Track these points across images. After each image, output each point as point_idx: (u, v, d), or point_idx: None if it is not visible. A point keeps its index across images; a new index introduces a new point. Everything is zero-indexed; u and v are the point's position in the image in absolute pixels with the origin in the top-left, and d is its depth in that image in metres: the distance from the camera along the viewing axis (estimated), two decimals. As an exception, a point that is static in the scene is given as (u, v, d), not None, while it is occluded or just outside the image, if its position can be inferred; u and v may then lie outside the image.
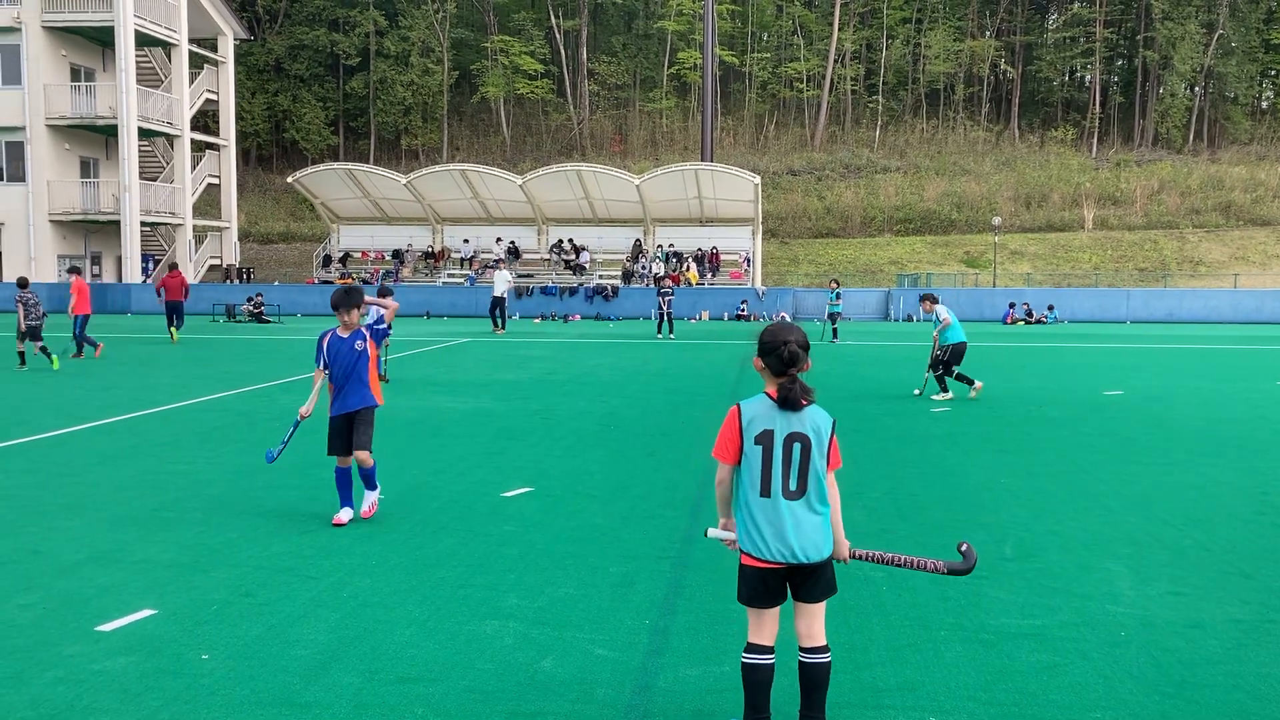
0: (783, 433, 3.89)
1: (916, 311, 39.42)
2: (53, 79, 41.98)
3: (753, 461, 3.89)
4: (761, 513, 3.87)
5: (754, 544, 3.88)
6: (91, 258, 45.06)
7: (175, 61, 45.62)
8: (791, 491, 3.86)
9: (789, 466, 3.87)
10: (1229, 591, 5.87)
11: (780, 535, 3.85)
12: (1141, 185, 58.98)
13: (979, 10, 72.83)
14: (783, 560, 3.84)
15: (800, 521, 3.86)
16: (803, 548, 3.84)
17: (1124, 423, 12.49)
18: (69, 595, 5.65)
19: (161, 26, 43.64)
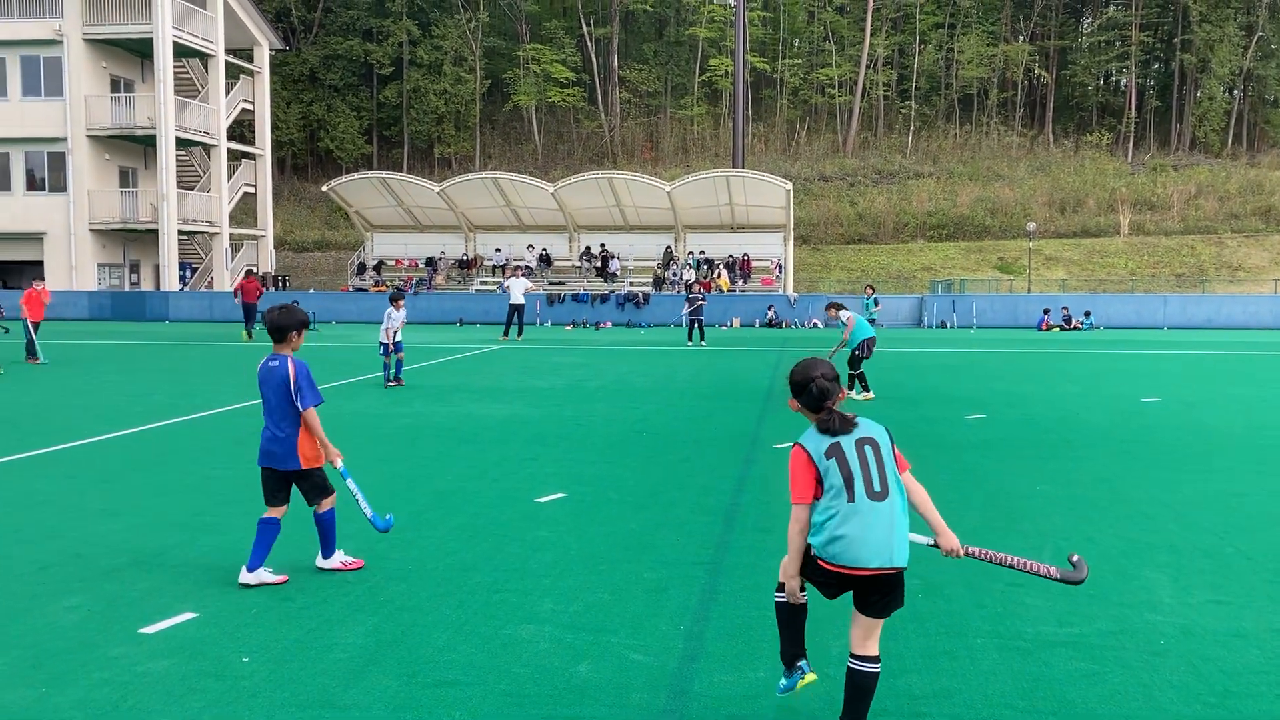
0: (850, 443, 3.90)
1: (951, 318, 39.18)
2: (93, 90, 42.62)
3: (831, 475, 3.87)
4: (854, 520, 3.80)
5: (840, 551, 3.80)
6: (130, 266, 45.69)
7: (212, 72, 46.19)
8: (876, 493, 3.84)
9: (867, 469, 3.86)
10: (1272, 600, 5.80)
11: (875, 539, 3.80)
12: (1178, 190, 58.29)
13: (1012, 15, 72.35)
14: (879, 566, 3.80)
15: (893, 523, 3.84)
16: (891, 550, 3.82)
17: (1162, 430, 12.35)
18: (112, 598, 5.74)
19: (199, 38, 44.22)
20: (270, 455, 6.00)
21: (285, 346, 6.05)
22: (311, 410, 5.98)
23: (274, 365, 6.01)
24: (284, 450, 5.94)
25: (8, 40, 41.96)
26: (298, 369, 5.98)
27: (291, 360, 6.00)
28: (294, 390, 5.94)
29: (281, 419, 5.95)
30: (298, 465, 5.97)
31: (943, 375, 19.33)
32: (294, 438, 5.95)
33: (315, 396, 5.99)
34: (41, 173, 43.07)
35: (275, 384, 5.97)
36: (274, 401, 5.97)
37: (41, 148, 42.66)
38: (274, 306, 6.20)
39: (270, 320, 6.08)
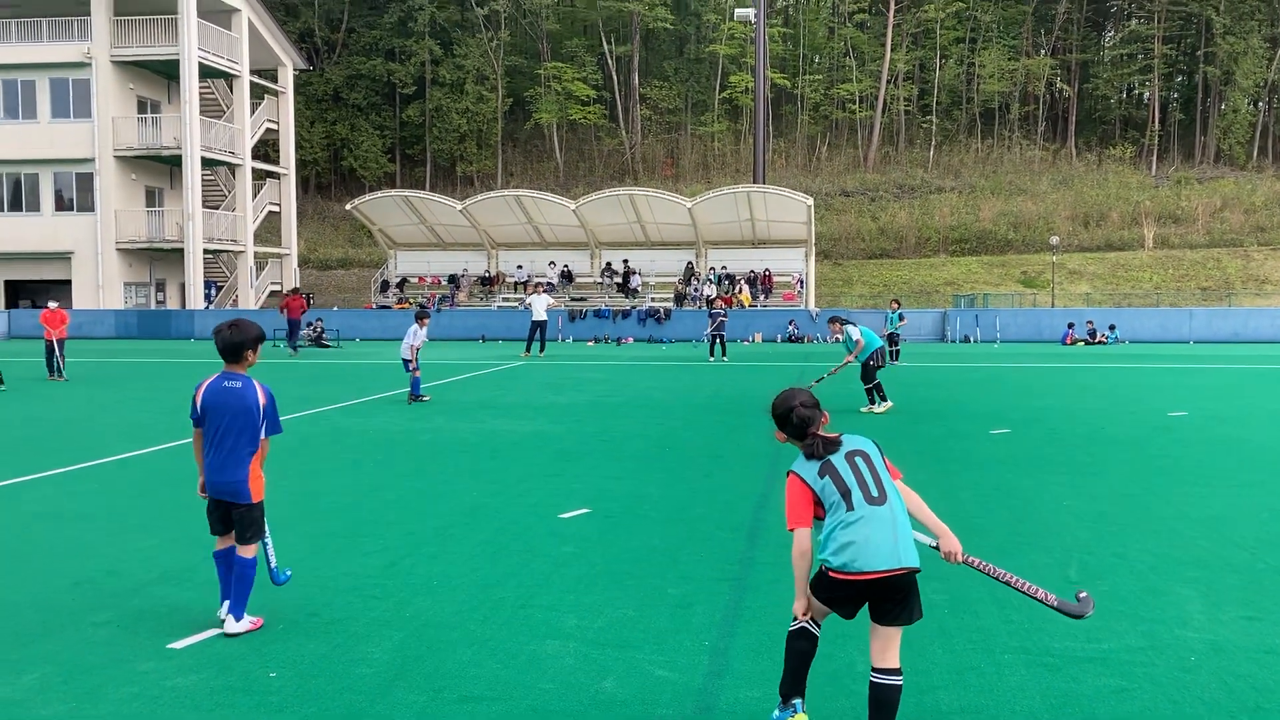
0: (840, 458, 4.02)
1: (974, 332, 39.00)
2: (120, 111, 43.17)
3: (828, 492, 3.96)
4: (857, 526, 3.87)
5: (849, 559, 3.83)
6: (156, 284, 46.14)
7: (237, 92, 46.69)
8: (874, 498, 3.93)
9: (862, 478, 3.97)
10: (1303, 616, 5.74)
11: (880, 541, 3.86)
12: (1203, 203, 57.90)
13: (1034, 29, 72.20)
14: (889, 567, 3.84)
15: (895, 524, 3.92)
16: (900, 553, 3.87)
17: (1190, 444, 12.24)
18: (142, 613, 5.79)
19: (224, 59, 44.73)
20: (221, 487, 5.46)
21: (242, 365, 5.53)
22: (268, 441, 5.55)
23: (234, 387, 5.44)
24: (238, 480, 5.41)
25: (38, 63, 42.59)
26: (267, 396, 5.50)
27: (259, 385, 5.49)
28: (261, 418, 5.46)
29: (237, 447, 5.41)
30: (249, 498, 5.45)
31: (967, 390, 19.24)
32: (248, 467, 5.44)
33: (278, 426, 5.57)
34: (70, 193, 43.62)
35: (237, 409, 5.40)
36: (232, 428, 5.40)
37: (70, 168, 43.21)
38: (224, 324, 5.56)
39: (224, 339, 5.48)
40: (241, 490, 5.43)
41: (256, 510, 5.49)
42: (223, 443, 5.41)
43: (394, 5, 69.84)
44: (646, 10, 68.55)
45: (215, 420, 5.43)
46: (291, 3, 70.69)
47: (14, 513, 8.55)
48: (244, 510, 5.45)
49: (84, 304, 42.35)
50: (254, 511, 5.47)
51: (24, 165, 43.23)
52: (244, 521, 5.47)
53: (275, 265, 50.43)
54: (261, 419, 5.47)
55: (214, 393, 5.47)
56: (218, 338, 5.49)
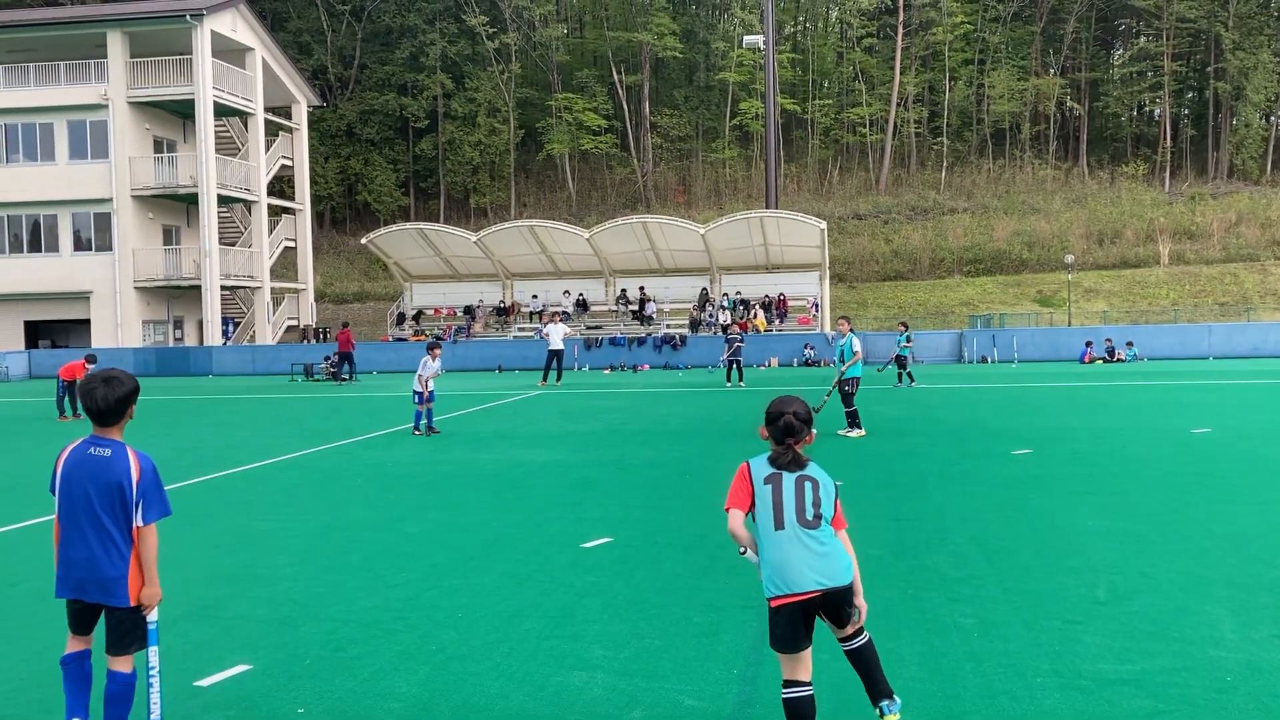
0: (791, 477, 4.18)
1: (991, 353, 38.85)
2: (137, 151, 43.65)
3: (764, 499, 4.16)
4: (782, 547, 4.08)
5: (782, 581, 4.05)
6: (174, 322, 46.46)
7: (252, 130, 47.17)
8: (808, 520, 4.10)
9: (802, 499, 4.12)
10: (1338, 634, 5.66)
11: (807, 563, 4.05)
12: (1218, 218, 57.67)
13: (1042, 49, 72.32)
14: (817, 587, 4.03)
15: (824, 547, 4.10)
16: (828, 571, 4.07)
17: (1214, 461, 12.14)
18: (166, 651, 5.76)
19: (239, 97, 45.22)
20: (85, 584, 4.22)
21: (117, 429, 4.36)
22: (153, 528, 4.30)
23: (101, 455, 4.24)
24: (111, 575, 4.19)
25: (56, 106, 43.16)
26: (144, 467, 4.28)
27: (134, 453, 4.30)
28: (136, 494, 4.23)
29: (104, 532, 4.18)
30: (126, 600, 4.22)
31: (986, 411, 19.15)
32: (126, 559, 4.21)
33: (164, 506, 4.33)
34: (88, 233, 44.06)
35: (103, 482, 4.19)
36: (97, 505, 4.19)
37: (88, 209, 43.67)
38: (94, 376, 4.38)
39: (96, 397, 4.28)
40: (116, 589, 4.20)
41: (139, 614, 4.29)
42: (87, 525, 4.19)
43: (405, 41, 70.55)
44: (656, 40, 69.02)
45: (75, 498, 4.22)
46: (304, 41, 71.49)
47: (35, 553, 8.57)
48: (121, 614, 4.26)
49: (103, 343, 42.65)
50: (135, 616, 4.28)
51: (43, 206, 43.72)
52: (120, 627, 4.25)
53: (292, 300, 50.73)
54: (135, 498, 4.22)
55: (74, 460, 4.27)
56: (88, 397, 4.29)
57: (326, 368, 36.21)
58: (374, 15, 71.86)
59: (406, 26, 70.82)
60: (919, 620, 6.04)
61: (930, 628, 5.89)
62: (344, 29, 72.17)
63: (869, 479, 11.34)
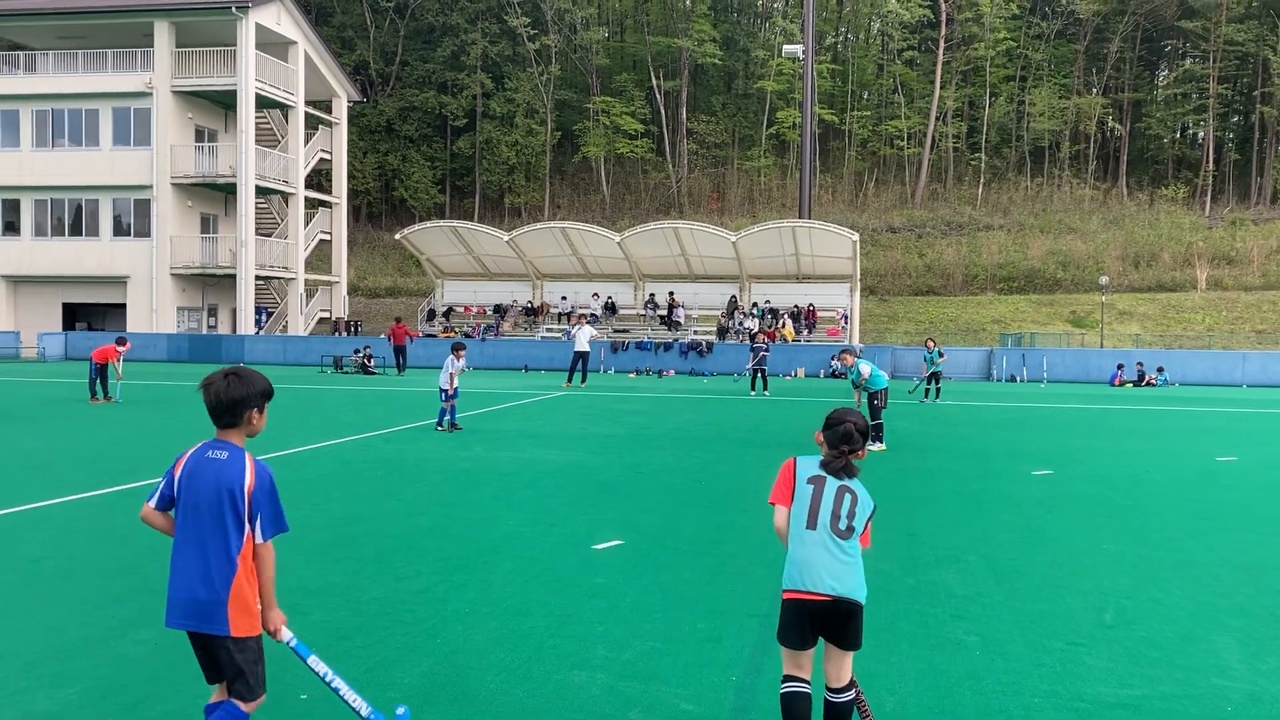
0: (835, 483, 4.26)
1: (1020, 372, 38.58)
2: (179, 140, 44.23)
3: (803, 498, 4.24)
4: (808, 545, 4.16)
5: (799, 577, 4.13)
6: (208, 309, 47.00)
7: (292, 123, 47.66)
8: (840, 530, 4.17)
9: (840, 507, 4.19)
10: (1346, 668, 5.61)
11: (826, 567, 4.11)
12: (1259, 244, 56.95)
13: (1085, 67, 71.75)
14: (829, 592, 4.07)
15: (848, 557, 4.16)
16: (845, 580, 4.11)
17: (1238, 490, 12.03)
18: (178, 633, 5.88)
19: (281, 90, 45.72)
20: (186, 608, 3.78)
21: (238, 432, 3.95)
22: (271, 548, 3.89)
23: (219, 458, 3.86)
24: (208, 597, 3.75)
25: (102, 93, 43.81)
26: (259, 477, 3.85)
27: (251, 461, 3.87)
28: (248, 507, 3.82)
29: (207, 547, 3.79)
30: (225, 628, 3.75)
31: (1011, 430, 19.04)
32: (228, 582, 3.76)
33: (280, 522, 3.90)
34: (128, 219, 44.67)
35: (216, 489, 3.80)
36: (206, 514, 3.80)
37: (129, 195, 44.28)
38: (218, 374, 3.96)
39: (217, 393, 3.88)
40: (214, 614, 3.74)
41: (249, 648, 3.80)
42: (189, 539, 3.82)
43: (447, 39, 71.03)
44: (695, 46, 69.10)
45: (186, 507, 3.84)
46: (347, 36, 72.13)
47: (61, 530, 8.74)
48: (223, 649, 3.78)
49: (138, 327, 43.22)
50: (246, 650, 3.79)
51: (85, 191, 44.38)
52: (231, 666, 3.79)
53: (325, 293, 51.18)
54: (249, 511, 3.82)
55: (194, 463, 3.89)
56: (208, 391, 3.90)
57: (357, 360, 36.52)
58: (417, 13, 72.40)
59: (449, 25, 71.32)
60: (922, 635, 6.05)
61: (933, 644, 5.90)
62: (387, 26, 72.77)
63: (886, 493, 11.32)
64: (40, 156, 44.44)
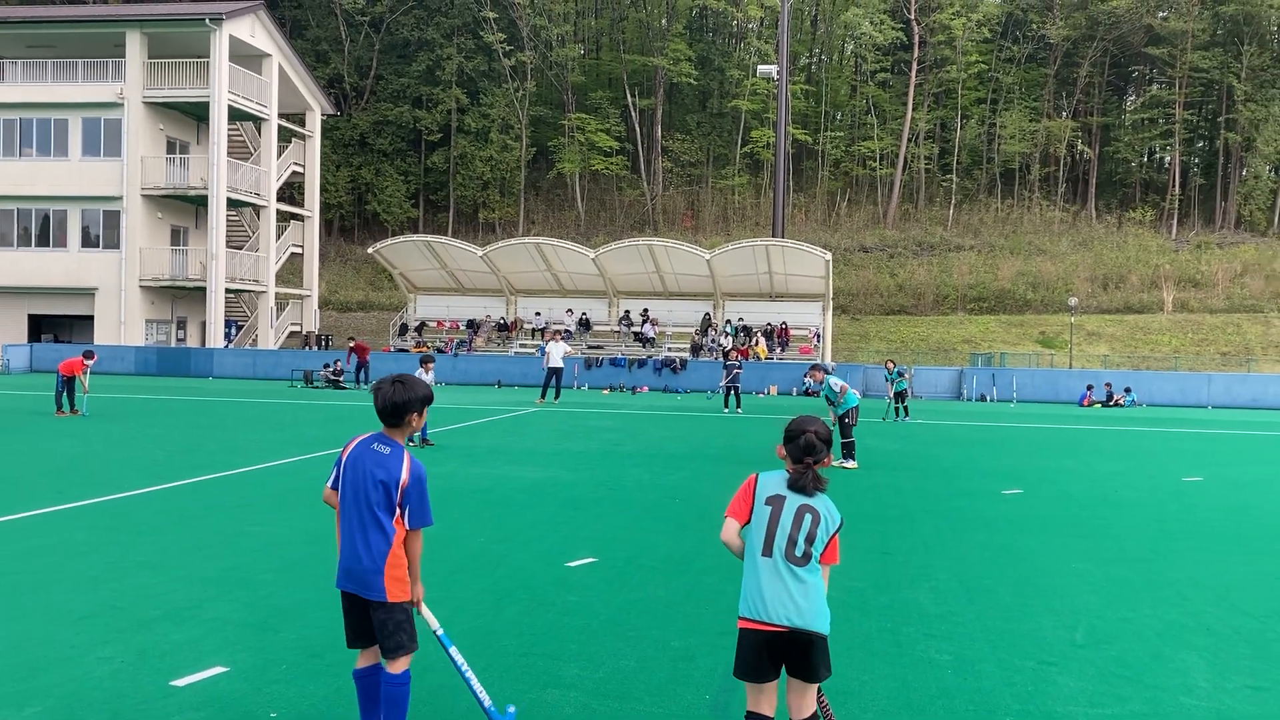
0: (795, 502, 4.06)
1: (990, 391, 38.87)
2: (149, 151, 43.88)
3: (760, 520, 4.07)
4: (764, 573, 4.00)
5: (755, 605, 3.99)
6: (177, 322, 46.57)
7: (265, 135, 47.42)
8: (797, 557, 3.99)
9: (798, 530, 4.00)
10: (1312, 688, 5.67)
11: (780, 597, 3.95)
12: (1223, 268, 57.78)
13: (1055, 91, 72.66)
14: (784, 624, 3.92)
15: (805, 586, 3.97)
16: (802, 612, 3.94)
17: (1204, 510, 12.15)
18: (145, 650, 5.81)
19: (254, 102, 45.50)
20: (352, 576, 4.42)
21: (401, 431, 4.55)
22: (419, 533, 4.49)
23: (383, 452, 4.45)
24: (368, 567, 4.35)
25: (72, 103, 43.43)
26: (414, 473, 4.41)
27: (409, 459, 4.44)
28: (400, 498, 4.39)
29: (367, 525, 4.38)
30: (382, 594, 4.37)
31: (981, 449, 19.16)
32: (384, 555, 4.36)
33: (426, 516, 4.45)
34: (96, 230, 44.24)
35: (376, 478, 4.38)
36: (367, 498, 4.39)
37: (98, 205, 43.85)
38: (386, 379, 4.58)
39: (385, 397, 4.49)
40: (373, 582, 4.35)
41: (399, 612, 4.41)
42: (353, 517, 4.41)
43: (422, 54, 70.98)
44: (671, 65, 69.42)
45: (350, 489, 4.45)
46: (322, 49, 71.92)
47: (24, 545, 8.61)
48: (381, 612, 4.39)
49: (105, 340, 42.75)
50: (395, 614, 4.40)
51: (53, 201, 43.91)
52: (384, 628, 4.39)
53: (296, 306, 50.85)
54: (400, 501, 4.39)
55: (359, 453, 4.49)
56: (378, 395, 4.50)
57: (326, 375, 36.28)
58: (392, 27, 72.32)
59: (424, 40, 71.28)
60: (895, 654, 6.06)
61: (905, 662, 5.91)
62: (362, 40, 72.64)
63: (858, 512, 11.36)
64: (8, 166, 43.95)
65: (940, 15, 68.24)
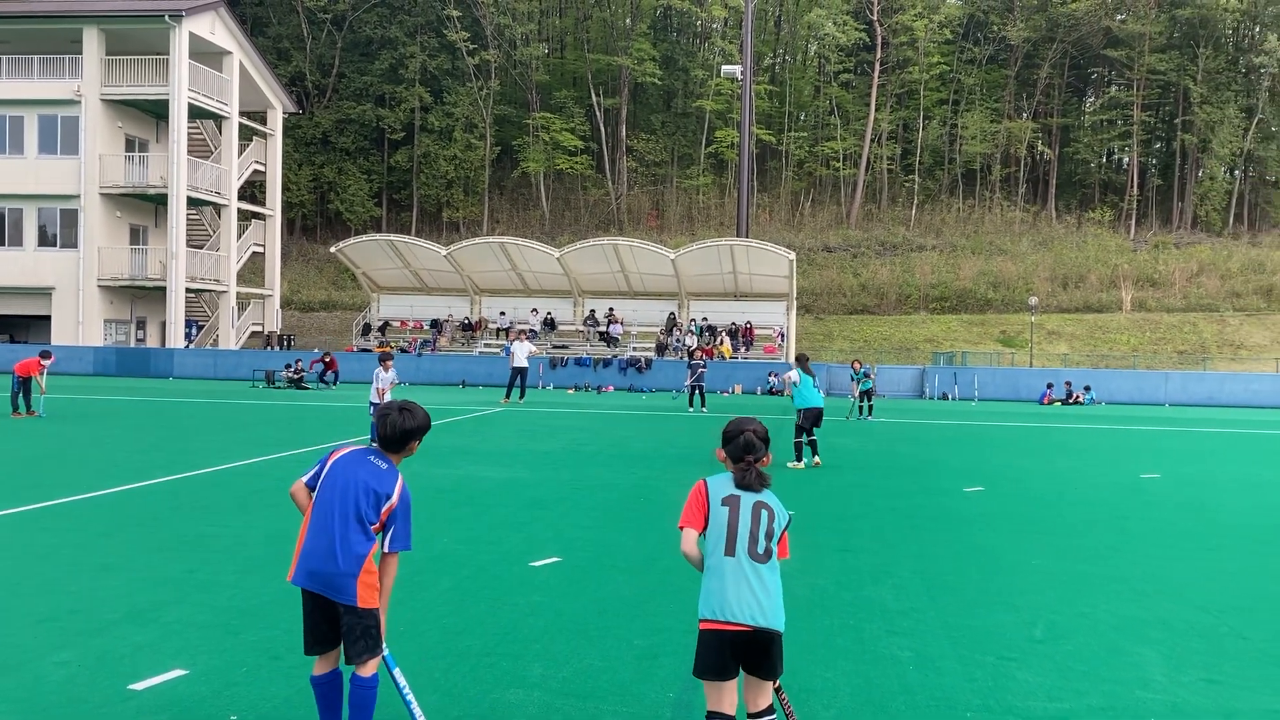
0: (750, 500, 4.10)
1: (952, 390, 39.23)
2: (108, 149, 43.28)
3: (719, 522, 4.08)
4: (727, 573, 4.02)
5: (718, 606, 4.00)
6: (137, 322, 45.97)
7: (226, 133, 46.92)
8: (759, 554, 4.03)
9: (757, 527, 4.05)
10: (1265, 681, 5.78)
11: (745, 597, 3.98)
12: (1180, 268, 58.67)
13: (1016, 92, 73.42)
14: (750, 623, 3.95)
15: (766, 584, 4.02)
16: (765, 610, 3.99)
17: (1161, 507, 12.34)
18: (103, 653, 5.74)
19: (214, 100, 45.00)
20: (319, 577, 4.32)
21: (399, 455, 4.59)
22: (396, 557, 4.50)
23: (380, 466, 4.47)
24: (344, 572, 4.29)
25: (27, 100, 42.75)
26: (404, 495, 4.46)
27: (402, 482, 4.48)
28: (387, 517, 4.41)
29: (350, 530, 4.33)
30: (354, 598, 4.31)
31: (943, 447, 19.34)
32: (360, 561, 4.32)
33: (407, 540, 4.49)
34: (53, 228, 43.57)
35: (371, 488, 4.38)
36: (356, 503, 4.35)
37: (54, 204, 43.19)
38: (393, 403, 4.62)
39: (392, 426, 4.51)
40: (346, 585, 4.29)
41: (369, 617, 4.37)
42: (334, 518, 4.33)
43: (385, 52, 70.51)
44: (635, 65, 69.44)
45: (334, 490, 4.39)
46: (283, 47, 71.26)
47: (-20, 549, 8.47)
48: (350, 617, 4.33)
49: (63, 340, 42.13)
50: (365, 619, 4.36)
51: (7, 200, 43.19)
52: (353, 632, 4.34)
53: (257, 306, 50.34)
54: (385, 520, 4.39)
55: (346, 461, 4.46)
56: (384, 422, 4.51)
57: (288, 375, 35.98)
58: (355, 25, 71.79)
59: (387, 38, 70.81)
60: (857, 651, 6.11)
61: (867, 659, 5.96)
62: (324, 37, 72.05)
63: (821, 510, 11.44)
64: (-38, 164, 43.20)
65: (902, 16, 68.74)
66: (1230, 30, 70.81)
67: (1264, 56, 64.54)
